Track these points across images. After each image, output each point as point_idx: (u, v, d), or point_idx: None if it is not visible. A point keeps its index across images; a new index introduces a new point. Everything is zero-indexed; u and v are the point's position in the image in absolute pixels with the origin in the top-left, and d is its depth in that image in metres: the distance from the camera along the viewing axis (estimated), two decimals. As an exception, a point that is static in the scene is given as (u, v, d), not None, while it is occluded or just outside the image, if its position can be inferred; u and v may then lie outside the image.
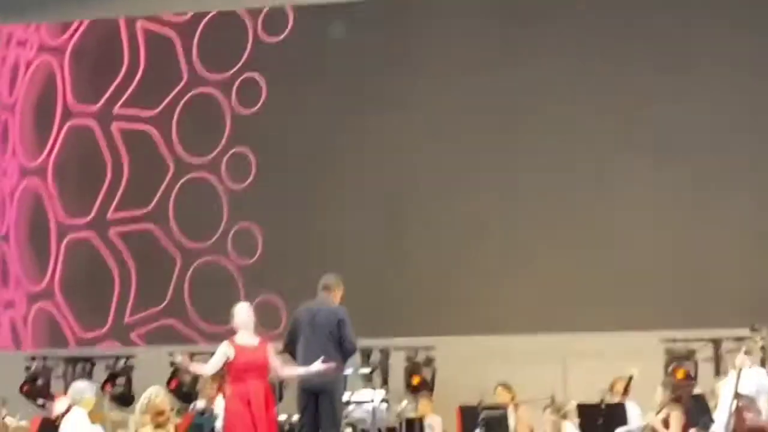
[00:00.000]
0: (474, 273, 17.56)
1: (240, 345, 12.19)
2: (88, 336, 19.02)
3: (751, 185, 17.27)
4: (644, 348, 15.84)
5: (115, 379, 17.67)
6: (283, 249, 18.42)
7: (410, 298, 17.58)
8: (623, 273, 17.12)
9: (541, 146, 17.72)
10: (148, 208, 19.10)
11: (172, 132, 19.09)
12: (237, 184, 18.80)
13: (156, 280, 18.92)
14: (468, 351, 16.97)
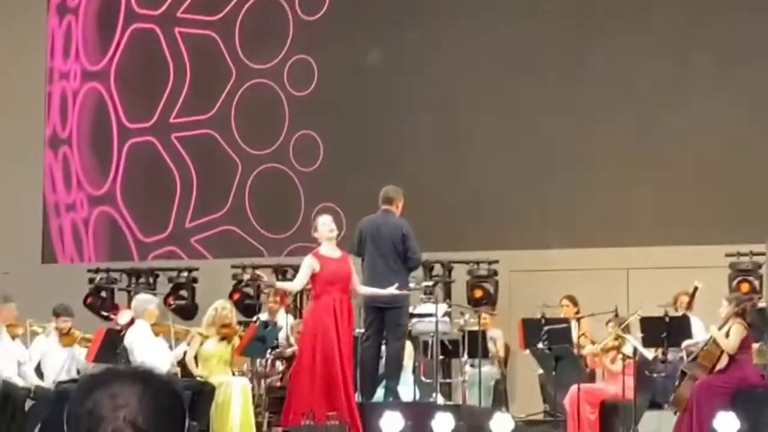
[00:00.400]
0: (537, 187, 17.49)
1: (325, 257, 12.24)
2: (148, 240, 19.11)
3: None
4: (709, 262, 15.75)
5: (178, 292, 17.77)
6: (343, 158, 18.38)
7: (473, 212, 17.54)
8: (688, 188, 17.01)
9: (609, 56, 17.55)
10: (210, 114, 19.08)
11: (235, 38, 19.01)
12: (299, 91, 18.73)
13: (217, 186, 18.92)
14: (531, 265, 16.95)
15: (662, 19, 17.46)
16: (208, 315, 13.86)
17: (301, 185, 18.52)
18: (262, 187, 18.71)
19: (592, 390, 13.72)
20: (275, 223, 18.51)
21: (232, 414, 13.14)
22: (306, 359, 12.26)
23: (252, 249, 18.55)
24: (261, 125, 18.84)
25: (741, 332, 12.43)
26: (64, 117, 19.65)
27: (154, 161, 19.18)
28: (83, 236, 19.41)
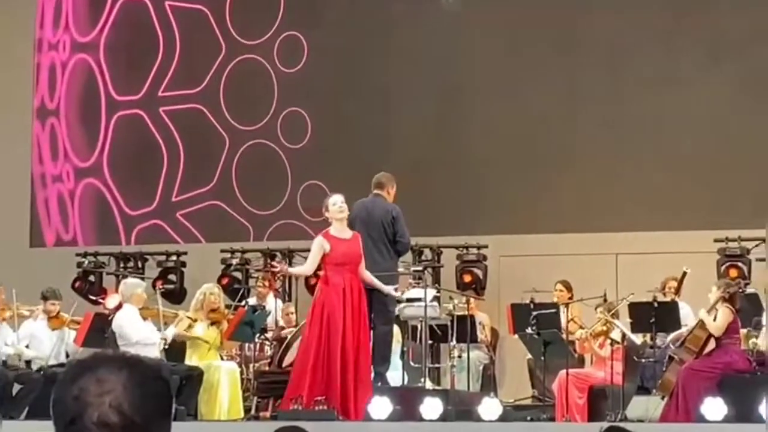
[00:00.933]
0: (527, 172, 17.51)
1: (336, 237, 12.23)
2: (134, 214, 19.11)
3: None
4: (697, 247, 15.78)
5: (166, 276, 17.76)
6: (331, 136, 18.40)
7: (463, 197, 17.55)
8: (677, 174, 17.05)
9: (600, 49, 17.61)
10: (198, 89, 19.06)
11: (225, 12, 18.97)
12: (288, 68, 18.71)
13: (204, 160, 18.93)
14: (520, 250, 16.97)
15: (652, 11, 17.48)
16: (196, 299, 13.88)
17: (288, 162, 18.52)
18: (249, 163, 18.72)
19: (581, 375, 13.74)
20: (261, 200, 18.54)
21: (221, 398, 13.17)
22: (311, 343, 12.23)
23: (238, 225, 18.57)
24: (249, 101, 18.84)
25: (728, 315, 12.46)
26: (53, 88, 19.64)
27: (141, 134, 19.18)
28: (69, 208, 19.43)
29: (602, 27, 17.59)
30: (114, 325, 13.30)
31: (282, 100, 18.61)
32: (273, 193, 18.46)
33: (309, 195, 18.11)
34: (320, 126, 18.43)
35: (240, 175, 18.72)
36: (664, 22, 17.47)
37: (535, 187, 17.48)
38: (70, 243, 19.25)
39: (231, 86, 18.84)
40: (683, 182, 17.03)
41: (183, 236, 18.88)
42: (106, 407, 2.50)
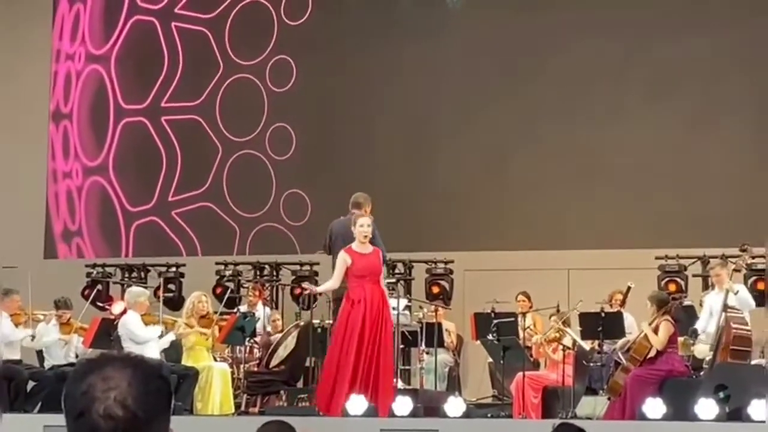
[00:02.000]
0: (490, 196, 17.54)
1: (356, 252, 12.21)
2: (133, 210, 19.15)
3: (740, 117, 17.18)
4: (640, 264, 15.80)
5: (166, 285, 17.70)
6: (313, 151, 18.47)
7: (432, 216, 17.56)
8: (623, 198, 17.10)
9: (555, 84, 17.67)
10: (197, 101, 19.07)
11: (224, 36, 19.01)
12: (278, 87, 18.73)
13: (199, 166, 18.98)
14: (483, 265, 16.97)
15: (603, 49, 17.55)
16: (186, 307, 13.87)
17: (273, 172, 18.61)
18: (239, 170, 18.81)
19: (536, 377, 13.73)
20: (248, 204, 18.63)
21: (214, 395, 13.13)
22: (336, 349, 12.21)
23: (226, 225, 18.62)
24: (242, 115, 18.90)
25: (669, 329, 12.47)
26: (68, 94, 19.73)
27: (144, 140, 19.27)
28: (76, 202, 19.55)
29: (557, 63, 17.63)
30: (119, 329, 13.26)
31: (271, 116, 18.70)
32: (259, 199, 18.58)
33: (291, 201, 18.25)
34: (304, 141, 18.52)
35: (230, 181, 18.81)
36: (614, 60, 17.52)
37: (497, 210, 17.50)
38: (78, 253, 19.30)
39: (226, 101, 18.93)
40: (628, 206, 17.07)
41: (176, 232, 18.96)
42: (111, 401, 2.49)
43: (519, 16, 17.90)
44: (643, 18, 17.54)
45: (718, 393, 11.71)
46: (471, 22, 18.07)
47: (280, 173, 18.53)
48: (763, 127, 17.16)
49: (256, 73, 18.84)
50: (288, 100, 18.59)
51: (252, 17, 18.95)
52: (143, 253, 18.87)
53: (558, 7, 17.82)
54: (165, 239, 19.01)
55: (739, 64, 17.25)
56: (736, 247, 13.56)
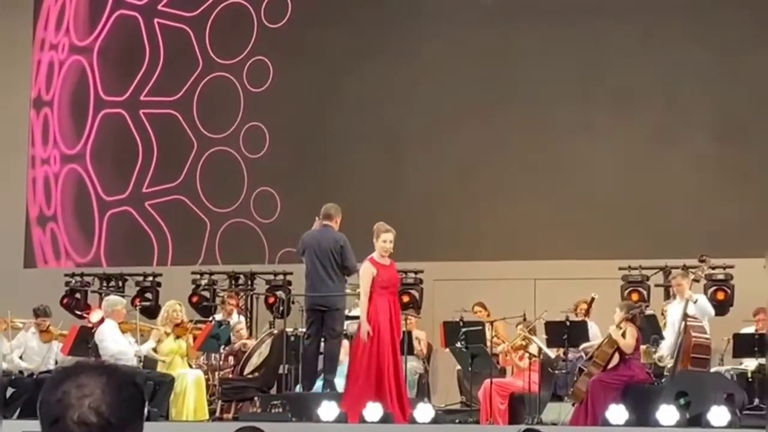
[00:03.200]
0: (459, 208, 17.58)
1: (379, 263, 12.27)
2: (108, 199, 19.16)
3: (701, 133, 17.29)
4: (604, 274, 15.87)
5: (143, 294, 17.68)
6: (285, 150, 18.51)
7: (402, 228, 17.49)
8: (588, 211, 17.17)
9: (524, 99, 17.75)
10: (175, 97, 19.09)
11: (205, 35, 19.04)
12: (255, 87, 18.76)
13: (174, 160, 19.01)
14: (451, 275, 17.00)
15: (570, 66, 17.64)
16: (161, 316, 13.84)
17: (246, 169, 18.65)
18: (213, 166, 18.87)
19: (503, 383, 13.76)
20: (220, 199, 18.68)
21: (188, 402, 13.11)
22: (361, 357, 12.24)
23: (197, 218, 18.63)
24: (218, 113, 18.94)
25: (635, 334, 12.53)
26: (50, 83, 19.73)
27: (122, 132, 19.28)
28: (53, 188, 19.56)
29: (525, 80, 17.71)
30: (96, 337, 13.23)
31: (246, 115, 18.74)
32: (230, 195, 18.63)
33: (261, 199, 18.30)
34: (277, 141, 18.56)
35: (203, 176, 18.85)
36: (580, 77, 17.60)
37: (466, 221, 17.53)
38: (52, 238, 19.34)
39: (204, 98, 18.97)
40: (593, 218, 17.14)
41: (149, 223, 18.99)
42: (85, 408, 2.50)
43: (490, 32, 17.96)
44: (607, 36, 17.63)
45: (678, 399, 11.77)
46: (445, 35, 18.11)
47: (252, 171, 18.61)
48: (723, 143, 17.28)
49: (233, 72, 18.90)
50: (263, 100, 18.65)
51: (233, 18, 18.99)
52: (116, 242, 18.89)
53: (527, 23, 17.89)
54: (138, 229, 18.98)
55: (701, 81, 17.36)
56: (697, 258, 13.64)
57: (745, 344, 14.07)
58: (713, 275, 15.51)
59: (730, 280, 15.75)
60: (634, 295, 15.80)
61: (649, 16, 17.61)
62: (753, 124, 17.23)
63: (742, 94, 17.29)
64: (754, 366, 13.98)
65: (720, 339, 14.25)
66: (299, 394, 12.92)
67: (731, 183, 17.03)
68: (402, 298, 16.66)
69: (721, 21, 17.39)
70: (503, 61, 17.87)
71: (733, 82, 17.33)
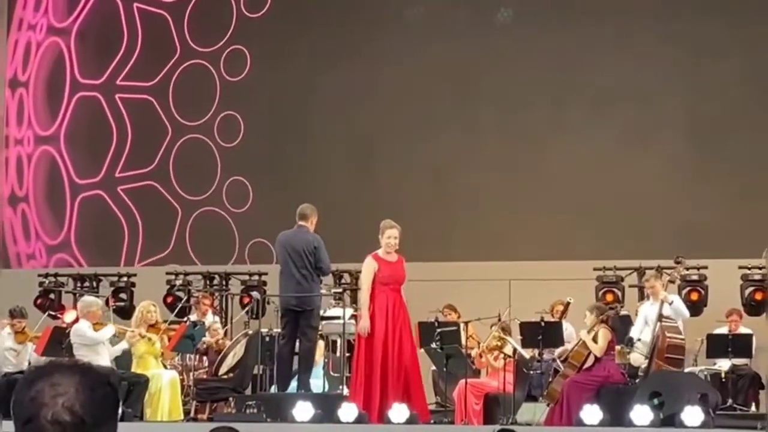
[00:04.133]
0: (433, 208, 17.59)
1: (383, 259, 12.24)
2: (81, 182, 19.07)
3: (675, 135, 17.37)
4: (579, 275, 15.90)
5: (118, 294, 17.62)
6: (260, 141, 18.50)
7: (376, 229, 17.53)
8: (563, 212, 17.21)
9: (495, 101, 17.78)
10: (152, 83, 19.05)
11: (184, 21, 19.03)
12: (232, 76, 18.74)
13: (148, 146, 18.98)
14: (426, 275, 16.95)
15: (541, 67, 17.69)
16: (135, 316, 13.79)
17: (219, 158, 18.63)
18: (186, 154, 18.86)
19: (477, 384, 13.77)
20: (192, 187, 18.66)
21: (163, 402, 13.06)
22: (357, 353, 12.22)
23: (169, 205, 18.57)
24: (194, 100, 18.94)
25: (607, 336, 12.54)
26: (26, 63, 19.71)
27: (97, 115, 19.24)
28: (25, 169, 19.55)
29: (499, 81, 17.75)
30: (71, 337, 13.17)
31: (222, 104, 18.76)
32: (203, 183, 18.62)
33: (234, 188, 18.29)
34: (252, 131, 18.57)
35: (177, 163, 18.86)
36: (552, 78, 17.65)
37: (441, 222, 17.55)
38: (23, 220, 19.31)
39: (180, 85, 18.97)
40: (568, 219, 17.18)
41: (120, 208, 18.98)
42: (59, 407, 2.48)
43: (461, 37, 17.99)
44: (581, 39, 17.67)
45: (652, 400, 11.80)
46: (420, 39, 18.12)
47: (225, 160, 18.60)
48: (696, 145, 17.36)
49: (211, 60, 18.89)
50: (240, 89, 18.65)
51: (212, 6, 19.00)
52: (87, 226, 18.92)
53: (499, 27, 17.94)
54: (109, 213, 18.93)
55: (675, 83, 17.44)
56: (671, 259, 13.68)
57: (719, 345, 14.13)
58: (687, 276, 15.58)
59: (703, 280, 15.81)
60: (608, 295, 15.85)
61: (623, 18, 17.66)
62: (726, 125, 17.31)
63: (716, 95, 17.36)
64: (727, 366, 14.04)
65: (694, 340, 14.30)
66: (274, 394, 12.90)
67: (705, 184, 17.09)
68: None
69: (693, 23, 17.46)
70: (477, 63, 17.89)
71: (706, 84, 17.40)
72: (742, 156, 17.11)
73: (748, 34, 17.28)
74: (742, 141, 17.17)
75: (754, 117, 17.18)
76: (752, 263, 15.84)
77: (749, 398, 14.29)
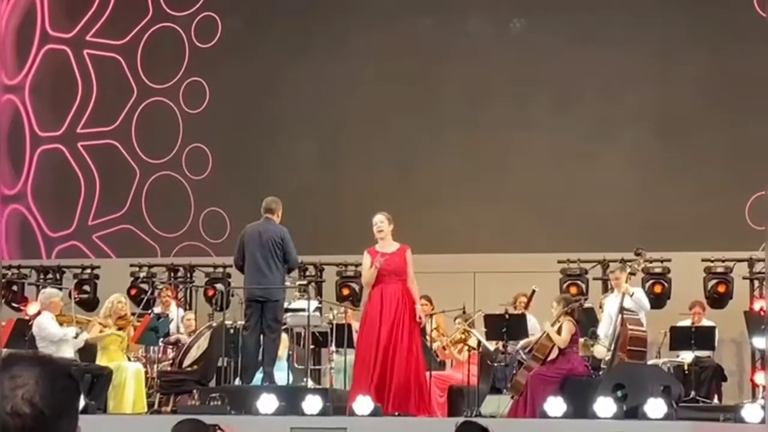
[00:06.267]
0: (398, 201, 17.56)
1: (376, 251, 12.17)
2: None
3: (640, 127, 17.43)
4: (543, 267, 15.93)
5: (81, 287, 17.53)
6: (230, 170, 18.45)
7: (342, 221, 17.57)
8: (527, 205, 17.25)
9: (460, 95, 17.80)
10: (113, 126, 18.83)
11: (137, 60, 18.89)
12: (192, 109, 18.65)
13: (117, 189, 18.84)
14: (391, 267, 16.99)
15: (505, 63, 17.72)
16: (105, 307, 13.73)
17: (191, 191, 18.54)
18: (157, 191, 18.75)
19: (442, 376, 13.80)
20: (168, 224, 18.53)
21: (127, 395, 13.01)
22: (359, 344, 12.22)
23: (147, 246, 18.51)
24: (158, 138, 18.84)
25: (571, 329, 12.59)
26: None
27: (62, 166, 19.09)
28: None
29: (461, 76, 17.76)
30: (33, 330, 13.11)
31: (186, 137, 18.61)
32: (178, 218, 18.44)
33: (210, 219, 18.14)
34: (220, 160, 18.44)
35: (149, 203, 18.67)
36: (516, 72, 17.68)
37: (406, 214, 17.50)
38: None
39: (141, 124, 18.79)
40: (532, 212, 17.23)
41: (99, 256, 18.74)
42: (18, 399, 2.46)
43: (427, 26, 18.00)
44: (547, 30, 17.72)
45: (616, 392, 11.86)
46: (383, 32, 18.11)
47: (198, 192, 18.48)
48: (661, 137, 17.43)
49: (169, 95, 18.75)
50: (202, 120, 18.54)
51: (163, 41, 18.85)
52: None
53: (464, 17, 17.95)
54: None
55: (639, 77, 17.50)
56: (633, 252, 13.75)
57: (682, 337, 14.20)
58: (651, 269, 15.66)
59: (667, 273, 15.89)
60: (572, 288, 15.91)
61: (588, 11, 17.70)
62: (690, 119, 17.39)
63: (680, 90, 17.44)
64: (690, 359, 14.12)
65: (657, 332, 14.36)
66: (238, 386, 12.87)
67: (669, 178, 17.18)
68: (342, 291, 16.71)
69: (660, 19, 17.52)
70: (442, 58, 17.90)
71: (670, 79, 17.47)
72: (705, 150, 17.20)
73: (714, 29, 17.36)
74: (705, 135, 17.26)
75: (718, 111, 17.27)
76: (715, 256, 15.94)
77: (712, 390, 14.38)
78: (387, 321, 12.03)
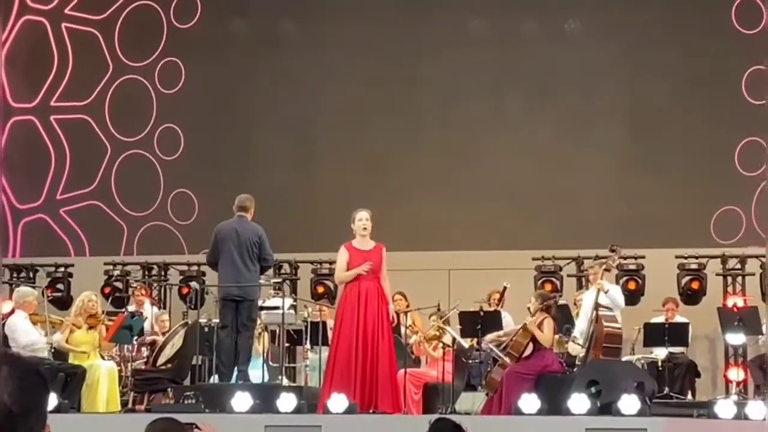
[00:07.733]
0: (373, 198, 17.55)
1: (355, 248, 12.13)
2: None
3: (614, 125, 17.49)
4: (518, 265, 15.97)
5: (55, 285, 17.46)
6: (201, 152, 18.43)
7: (317, 218, 17.56)
8: (502, 202, 17.28)
9: (436, 89, 17.81)
10: (86, 101, 18.81)
11: (114, 37, 18.83)
12: (167, 89, 18.59)
13: (87, 165, 18.80)
14: (366, 265, 16.99)
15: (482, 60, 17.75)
16: (75, 305, 13.69)
17: (161, 171, 18.53)
18: (127, 170, 18.70)
19: (417, 373, 13.80)
20: (136, 203, 18.55)
21: (101, 393, 12.98)
22: (334, 343, 12.18)
23: (114, 223, 18.46)
24: (131, 116, 18.78)
25: (552, 325, 12.62)
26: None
27: (33, 139, 18.97)
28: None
29: (437, 71, 17.79)
30: (6, 328, 13.05)
31: (160, 117, 18.61)
32: (147, 198, 18.47)
33: (178, 201, 18.16)
34: (192, 142, 18.45)
35: (118, 180, 18.68)
36: (491, 68, 17.71)
37: (381, 212, 17.47)
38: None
39: (115, 101, 18.78)
40: (507, 210, 17.25)
41: (64, 230, 18.75)
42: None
43: (399, 25, 18.00)
44: (520, 27, 17.74)
45: (590, 388, 11.89)
46: (354, 30, 18.11)
47: (168, 173, 18.46)
48: (635, 134, 17.49)
49: (145, 74, 18.72)
50: (176, 101, 18.50)
51: (141, 20, 18.80)
52: (31, 251, 18.62)
53: (437, 16, 17.96)
54: (53, 237, 18.76)
55: (614, 74, 17.55)
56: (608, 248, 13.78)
57: (656, 333, 14.27)
58: (625, 265, 15.71)
59: (641, 270, 15.95)
60: (547, 285, 15.94)
61: (562, 9, 17.75)
62: (665, 116, 17.45)
63: (654, 86, 17.49)
64: (663, 355, 14.18)
65: (631, 328, 14.42)
66: (212, 385, 12.85)
67: (643, 175, 17.23)
68: (317, 288, 16.70)
69: (632, 12, 17.56)
70: (416, 54, 17.91)
71: (645, 76, 17.53)
72: (679, 147, 17.27)
73: (687, 23, 17.42)
74: (679, 132, 17.32)
75: (692, 107, 17.34)
76: (689, 253, 16.01)
77: (685, 386, 14.45)
78: (369, 319, 12.03)
